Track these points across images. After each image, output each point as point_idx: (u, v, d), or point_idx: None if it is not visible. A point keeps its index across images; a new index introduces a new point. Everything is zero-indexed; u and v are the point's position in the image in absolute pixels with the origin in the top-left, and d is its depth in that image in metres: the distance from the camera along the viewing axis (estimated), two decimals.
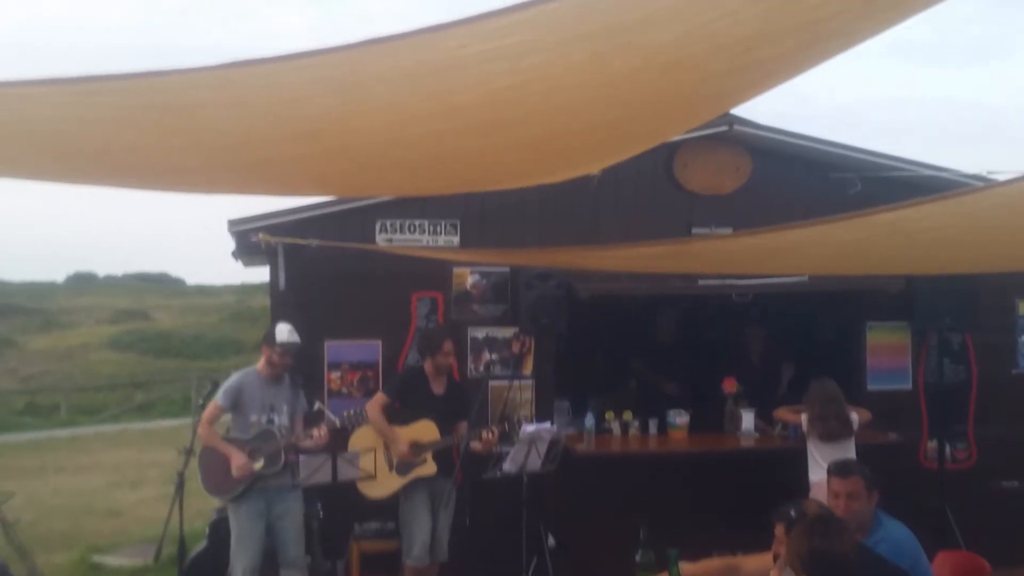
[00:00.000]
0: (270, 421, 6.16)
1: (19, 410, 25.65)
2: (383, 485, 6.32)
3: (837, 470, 4.60)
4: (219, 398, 6.19)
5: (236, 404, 6.17)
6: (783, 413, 7.01)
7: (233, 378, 6.31)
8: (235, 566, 6.09)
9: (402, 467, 6.36)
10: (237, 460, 5.98)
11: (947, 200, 4.28)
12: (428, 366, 6.50)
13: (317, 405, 6.36)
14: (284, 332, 6.20)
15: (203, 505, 8.20)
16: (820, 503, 4.30)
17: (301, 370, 6.74)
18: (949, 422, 7.46)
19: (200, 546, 6.90)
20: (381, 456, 6.30)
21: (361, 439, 6.38)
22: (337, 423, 6.13)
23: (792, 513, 3.89)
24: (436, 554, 6.45)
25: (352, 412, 6.23)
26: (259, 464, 6.01)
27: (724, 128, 7.13)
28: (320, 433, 6.08)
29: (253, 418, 6.15)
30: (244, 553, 6.05)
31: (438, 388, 6.52)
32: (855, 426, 6.54)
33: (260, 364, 6.28)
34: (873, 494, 4.44)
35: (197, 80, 2.40)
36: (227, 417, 6.40)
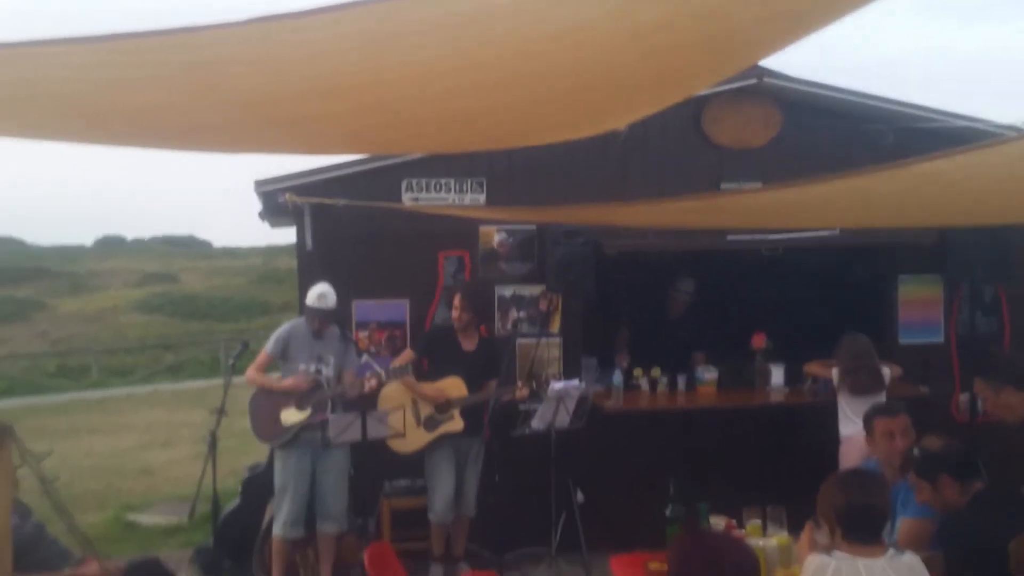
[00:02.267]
0: (318, 371, 6.23)
1: (51, 372, 26.04)
2: (410, 440, 6.36)
3: (885, 411, 4.64)
4: (268, 347, 6.33)
5: (285, 353, 6.28)
6: (814, 368, 6.97)
7: (282, 328, 6.45)
8: (278, 516, 6.19)
9: (430, 423, 6.39)
10: (289, 382, 6.17)
11: (981, 151, 4.19)
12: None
13: (365, 358, 6.42)
14: (313, 296, 6.27)
15: (235, 464, 8.32)
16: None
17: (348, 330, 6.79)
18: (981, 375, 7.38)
19: (233, 504, 7.00)
20: (410, 412, 6.34)
21: (390, 397, 6.41)
22: (383, 375, 6.17)
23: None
24: (462, 509, 6.50)
25: (395, 366, 6.30)
26: (306, 413, 6.10)
27: (753, 81, 7.02)
28: (370, 384, 6.15)
29: (302, 367, 6.25)
30: (288, 504, 6.17)
31: (468, 345, 6.53)
32: (886, 380, 6.50)
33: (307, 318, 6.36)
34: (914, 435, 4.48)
35: (224, 37, 2.37)
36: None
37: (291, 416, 6.15)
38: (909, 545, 3.92)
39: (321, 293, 6.27)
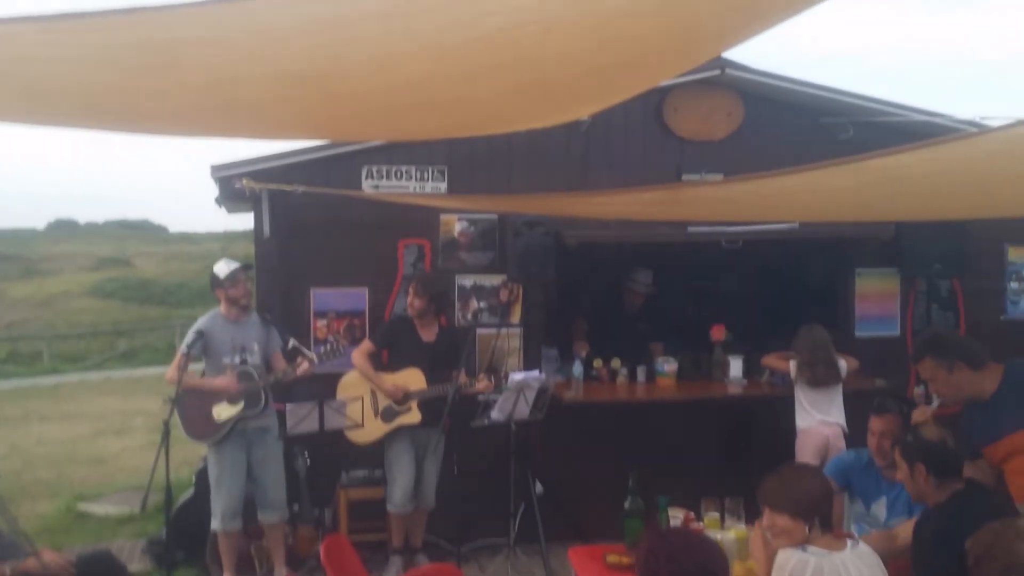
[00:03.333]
0: (243, 362, 6.10)
1: (2, 358, 25.59)
2: (368, 431, 6.30)
3: (875, 408, 4.70)
4: (184, 348, 6.07)
5: (206, 348, 6.10)
6: (771, 360, 7.01)
7: (198, 323, 6.22)
8: (215, 510, 6.10)
9: (387, 414, 6.34)
10: (220, 382, 6.00)
11: (939, 146, 4.23)
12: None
13: (292, 343, 6.23)
14: (223, 266, 6.17)
15: (189, 453, 8.20)
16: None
17: (287, 318, 6.69)
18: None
19: (187, 494, 6.89)
20: (368, 403, 6.28)
21: (348, 387, 6.35)
22: (315, 359, 6.08)
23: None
24: (422, 501, 6.46)
25: (328, 347, 6.19)
26: (239, 406, 5.97)
27: (716, 72, 7.01)
28: (303, 369, 6.04)
29: (226, 360, 6.09)
30: (223, 498, 6.07)
31: (427, 335, 6.48)
32: (843, 373, 6.55)
33: (223, 308, 6.21)
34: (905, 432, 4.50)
35: (178, 17, 2.31)
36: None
37: (223, 411, 6.00)
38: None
39: (225, 260, 6.20)
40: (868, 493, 4.75)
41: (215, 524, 6.13)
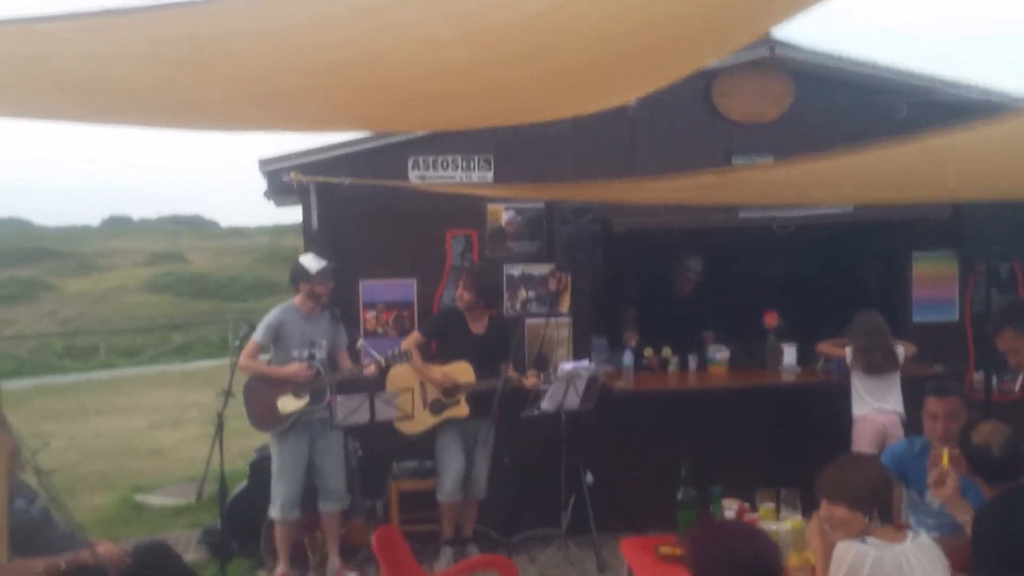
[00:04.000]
0: (311, 356, 6.17)
1: (59, 353, 26.08)
2: (417, 422, 6.31)
3: (934, 390, 4.54)
4: (258, 335, 6.21)
5: (276, 339, 6.19)
6: (826, 347, 6.88)
7: (272, 314, 6.31)
8: (274, 499, 6.16)
9: (435, 406, 6.34)
10: (290, 370, 6.07)
11: (995, 123, 4.09)
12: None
13: (360, 343, 6.34)
14: (313, 262, 6.20)
15: (243, 445, 8.28)
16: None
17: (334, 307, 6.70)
18: (996, 353, 7.28)
19: (241, 485, 6.96)
20: (417, 394, 6.28)
21: (398, 378, 6.35)
22: (383, 361, 6.10)
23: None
24: (473, 492, 6.45)
25: (395, 351, 6.22)
26: (304, 400, 6.03)
27: (765, 52, 6.89)
28: (369, 371, 6.10)
29: (295, 353, 6.17)
30: (284, 487, 6.14)
31: (477, 327, 6.46)
32: (900, 359, 6.41)
33: (298, 301, 6.28)
34: (969, 413, 4.38)
35: (223, 9, 2.29)
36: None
37: (288, 404, 6.07)
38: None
39: (313, 256, 6.25)
40: (922, 481, 4.63)
41: (274, 512, 6.19)
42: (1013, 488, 3.59)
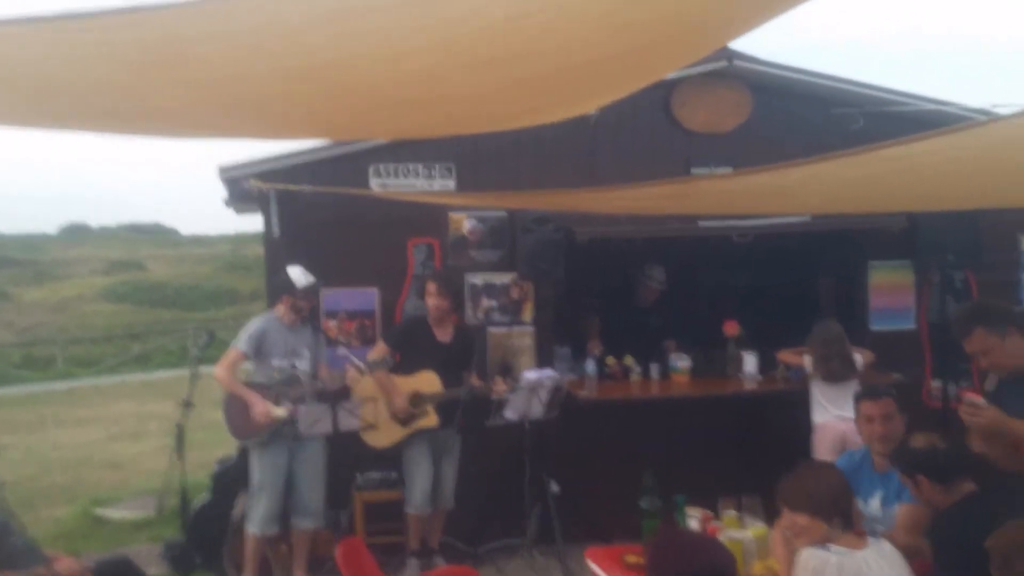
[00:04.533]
0: (293, 366, 6.13)
1: (16, 363, 25.66)
2: (385, 435, 6.28)
3: (867, 393, 4.60)
4: (241, 344, 6.12)
5: (259, 350, 6.13)
6: (786, 355, 6.96)
7: (254, 324, 6.24)
8: (253, 513, 6.08)
9: (404, 418, 6.31)
10: (258, 407, 5.94)
11: (951, 134, 4.17)
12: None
13: (341, 350, 6.35)
14: (301, 276, 6.17)
15: (205, 457, 8.20)
16: None
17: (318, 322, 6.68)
18: (953, 361, 7.40)
19: (203, 498, 6.88)
20: (383, 405, 6.25)
21: (364, 388, 6.32)
22: (364, 368, 6.06)
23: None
24: (440, 502, 6.43)
25: (375, 359, 6.19)
26: (282, 410, 5.97)
27: (723, 63, 6.98)
28: (351, 376, 6.05)
29: (276, 363, 6.13)
30: (265, 502, 6.08)
31: (443, 336, 6.43)
32: (859, 367, 6.50)
33: (280, 311, 6.23)
34: (903, 415, 4.43)
35: (181, 13, 2.28)
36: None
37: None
38: (906, 530, 3.91)
39: (302, 270, 6.20)
40: (862, 490, 4.68)
41: (252, 528, 6.11)
42: (968, 494, 3.65)
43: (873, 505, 4.51)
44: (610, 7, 2.50)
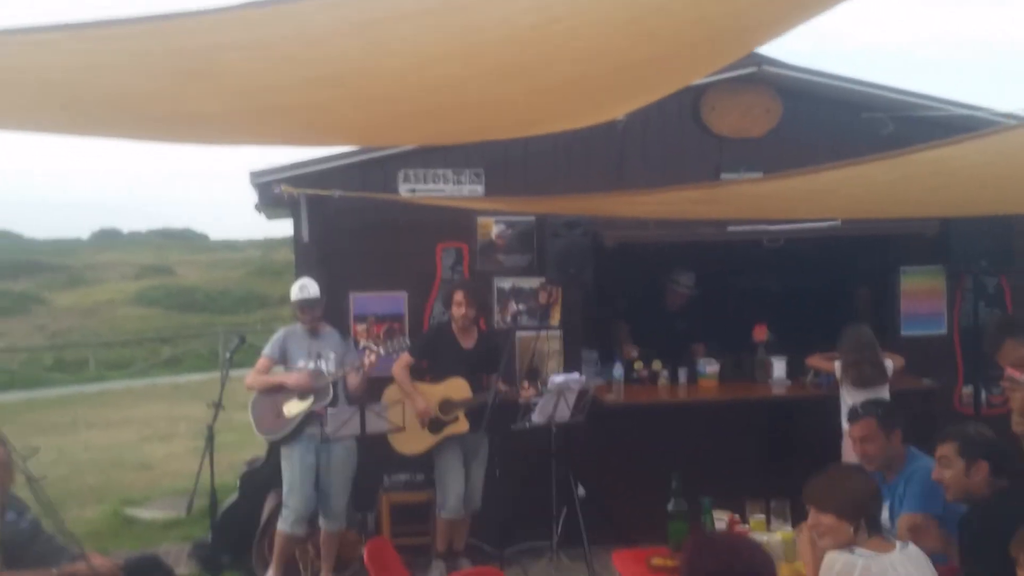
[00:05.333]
0: (316, 367, 6.20)
1: (48, 366, 25.96)
2: (416, 442, 6.31)
3: (848, 417, 4.63)
4: (266, 350, 6.32)
5: (283, 354, 6.28)
6: (816, 360, 6.92)
7: (279, 332, 6.46)
8: (285, 513, 6.16)
9: (434, 425, 6.34)
10: (291, 377, 6.14)
11: (983, 138, 4.15)
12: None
13: (362, 344, 6.44)
14: (295, 290, 6.31)
15: (234, 458, 8.28)
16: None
17: (327, 322, 6.70)
18: (984, 367, 7.33)
19: (231, 498, 6.94)
20: (412, 411, 6.27)
21: (394, 392, 6.36)
22: (381, 351, 6.13)
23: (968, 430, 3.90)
24: (470, 505, 6.46)
25: (393, 342, 6.27)
26: (309, 401, 6.07)
27: (752, 69, 6.95)
28: (370, 360, 6.10)
29: (300, 364, 6.23)
30: (295, 502, 6.14)
31: (467, 342, 6.45)
32: (889, 372, 6.45)
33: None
34: (893, 432, 4.42)
35: (216, 22, 2.31)
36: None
37: (294, 407, 6.13)
38: (911, 540, 3.88)
39: (301, 285, 6.29)
40: None
41: (283, 526, 6.18)
42: (1003, 488, 3.64)
43: (883, 514, 4.50)
44: (635, 14, 2.51)
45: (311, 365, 6.21)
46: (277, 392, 6.17)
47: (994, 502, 3.64)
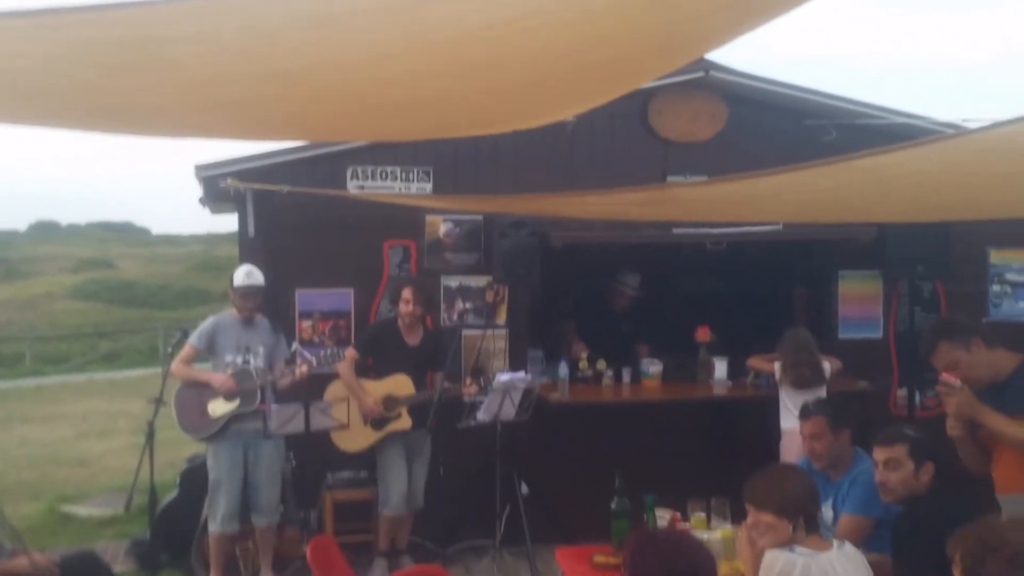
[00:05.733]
0: (246, 362, 6.14)
1: None
2: (358, 439, 6.30)
3: (800, 414, 4.73)
4: (193, 339, 6.20)
5: (211, 346, 6.17)
6: (756, 362, 7.03)
7: (208, 320, 6.33)
8: (215, 512, 6.09)
9: (377, 421, 6.33)
10: (216, 379, 6.02)
11: (921, 147, 4.26)
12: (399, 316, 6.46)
13: (295, 346, 6.35)
14: (241, 275, 6.20)
15: (173, 455, 8.16)
16: None
17: (272, 319, 6.65)
18: (919, 370, 7.51)
19: (171, 496, 6.87)
20: (356, 408, 6.26)
21: (337, 389, 6.33)
22: (314, 362, 6.08)
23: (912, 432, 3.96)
24: (412, 503, 6.45)
25: (327, 352, 6.20)
26: (235, 403, 5.99)
27: (700, 74, 7.05)
28: (301, 371, 6.04)
29: (228, 358, 6.15)
30: (224, 500, 6.08)
31: (412, 339, 6.46)
32: (827, 374, 6.58)
33: (233, 309, 6.27)
34: (841, 432, 4.51)
35: (164, 12, 2.29)
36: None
37: (219, 407, 6.04)
38: (848, 540, 3.96)
39: (248, 271, 6.23)
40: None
41: (213, 526, 6.12)
42: (934, 490, 3.75)
43: (826, 512, 4.59)
44: (588, 16, 2.54)
45: (239, 359, 6.15)
46: (202, 388, 6.08)
47: (930, 502, 3.73)
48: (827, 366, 6.61)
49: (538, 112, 4.02)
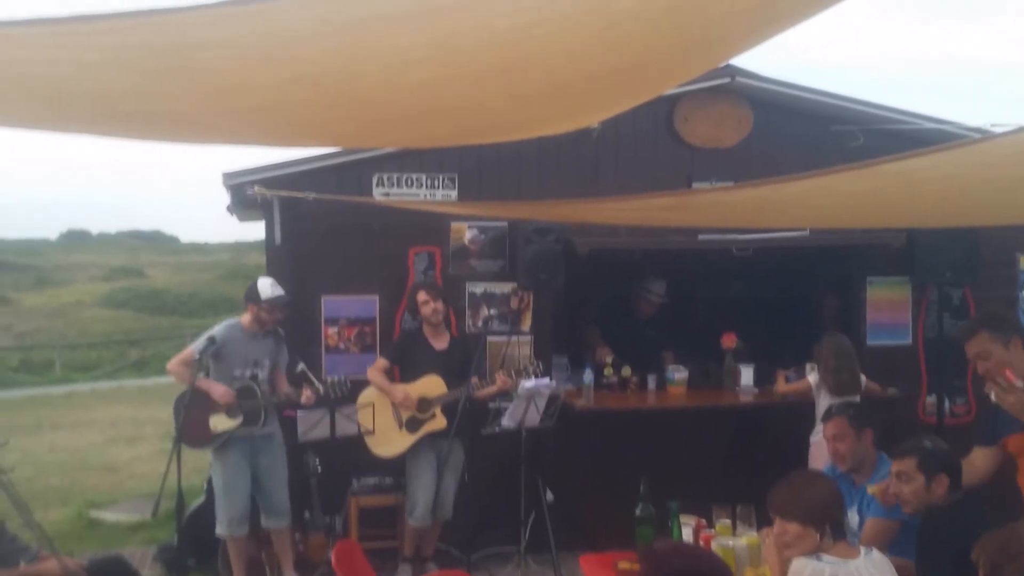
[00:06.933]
0: (253, 377, 6.12)
1: (14, 367, 25.67)
2: (394, 443, 6.32)
3: (823, 417, 4.72)
4: (198, 346, 6.11)
5: (218, 356, 6.10)
6: (786, 387, 6.92)
7: (216, 329, 6.25)
8: (220, 517, 6.11)
9: (411, 424, 6.33)
10: (217, 390, 5.97)
11: (950, 151, 4.21)
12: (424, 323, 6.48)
13: (300, 367, 6.27)
14: (268, 287, 6.15)
15: (200, 461, 8.19)
16: None
17: (298, 325, 6.69)
18: (948, 377, 7.43)
19: (198, 501, 6.91)
20: (390, 414, 6.26)
21: (369, 395, 6.35)
22: (321, 390, 6.07)
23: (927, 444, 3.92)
24: (439, 512, 6.42)
25: (338, 378, 6.17)
26: (237, 421, 5.99)
27: (725, 80, 7.02)
28: (308, 396, 6.05)
29: (236, 372, 6.12)
30: (229, 504, 6.09)
31: (439, 344, 6.48)
32: (862, 385, 6.53)
33: (245, 319, 6.22)
34: (863, 431, 4.48)
35: (194, 19, 2.31)
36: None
37: (220, 423, 6.01)
38: (872, 545, 3.93)
39: (272, 283, 6.19)
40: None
41: (220, 530, 6.14)
42: (958, 497, 3.71)
43: (852, 518, 4.56)
44: (612, 22, 2.54)
45: (247, 373, 6.12)
46: (204, 398, 6.01)
47: (952, 510, 3.69)
48: (862, 377, 6.57)
49: (562, 118, 4.02)
